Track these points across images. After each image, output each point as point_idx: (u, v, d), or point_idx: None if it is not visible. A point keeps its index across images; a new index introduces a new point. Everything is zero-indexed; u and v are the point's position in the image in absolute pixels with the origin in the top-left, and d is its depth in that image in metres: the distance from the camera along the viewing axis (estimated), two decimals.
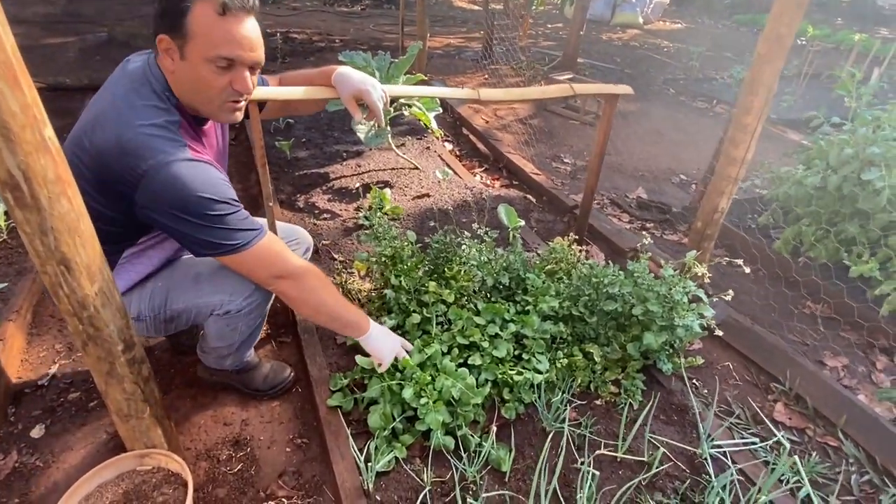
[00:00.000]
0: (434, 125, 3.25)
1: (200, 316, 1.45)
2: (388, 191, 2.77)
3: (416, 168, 3.25)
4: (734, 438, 1.64)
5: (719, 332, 1.66)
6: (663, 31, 9.68)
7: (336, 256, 2.37)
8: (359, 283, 2.14)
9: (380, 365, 1.53)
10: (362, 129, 2.82)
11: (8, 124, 0.83)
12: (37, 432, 1.54)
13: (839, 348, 2.08)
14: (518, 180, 3.40)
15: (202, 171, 1.16)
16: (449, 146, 3.83)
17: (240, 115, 1.28)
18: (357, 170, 3.18)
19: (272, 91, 1.45)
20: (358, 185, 3.02)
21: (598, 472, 1.45)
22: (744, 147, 1.83)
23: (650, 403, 1.74)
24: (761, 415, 1.74)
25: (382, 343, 1.52)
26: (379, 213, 2.62)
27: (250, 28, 1.16)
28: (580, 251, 2.05)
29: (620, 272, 1.80)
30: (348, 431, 1.53)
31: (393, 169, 3.22)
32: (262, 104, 1.52)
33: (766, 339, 1.97)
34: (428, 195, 2.96)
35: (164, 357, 1.81)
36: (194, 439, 1.54)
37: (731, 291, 1.52)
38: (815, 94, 5.46)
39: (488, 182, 3.35)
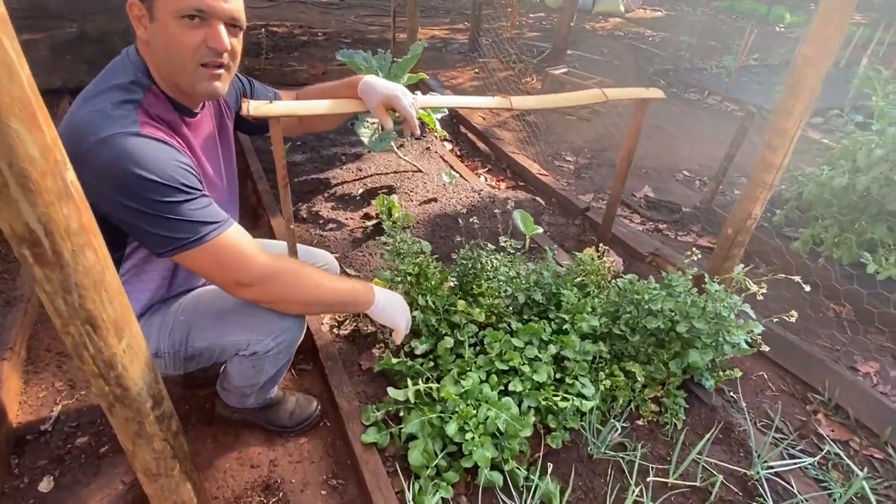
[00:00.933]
0: (438, 126, 3.13)
1: (224, 355, 1.32)
2: (394, 197, 2.65)
3: (419, 171, 3.13)
4: (782, 456, 1.60)
5: (766, 348, 1.61)
6: (645, 20, 9.66)
7: (348, 271, 2.25)
8: None
9: (395, 333, 1.40)
10: (366, 134, 2.69)
11: (27, 172, 0.70)
12: (45, 485, 1.39)
13: (869, 353, 2.06)
14: (524, 181, 3.31)
15: (151, 148, 0.99)
16: (449, 146, 3.71)
17: (220, 86, 1.11)
18: (358, 174, 3.04)
19: (296, 106, 1.33)
20: (361, 190, 2.88)
21: None
22: (782, 152, 1.77)
23: (693, 421, 1.69)
24: (810, 428, 1.70)
25: (393, 309, 1.36)
26: (392, 223, 2.50)
27: None
28: (604, 258, 1.97)
29: (657, 286, 1.72)
30: (386, 471, 1.43)
31: (395, 172, 3.09)
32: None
33: (801, 348, 1.94)
34: (435, 199, 2.85)
35: (177, 391, 1.68)
36: (221, 486, 1.42)
37: (794, 312, 1.46)
38: None
39: (493, 184, 3.25)
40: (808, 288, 1.45)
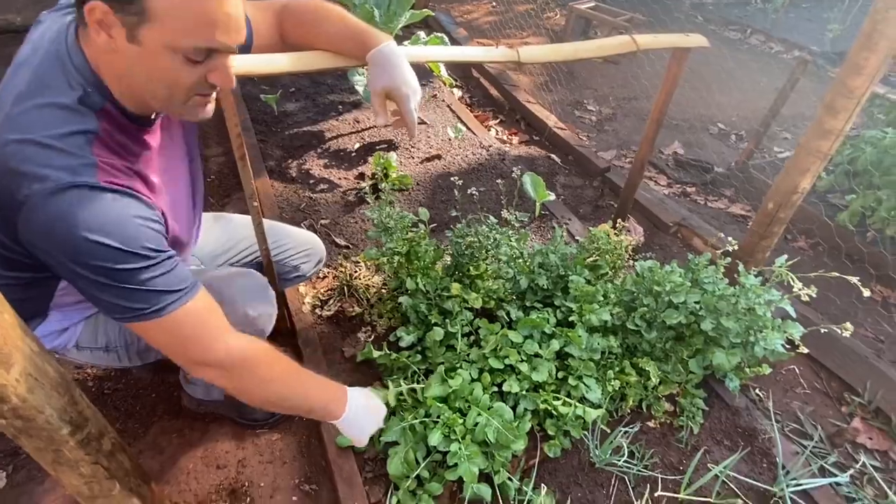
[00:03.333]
0: (444, 72, 2.82)
1: None
2: (392, 155, 2.40)
3: (423, 122, 2.85)
4: (810, 465, 1.42)
5: (805, 350, 1.39)
6: None
7: (338, 240, 2.05)
8: (366, 277, 1.84)
9: (355, 441, 1.17)
10: (361, 82, 2.40)
11: None
12: None
13: None
14: (539, 135, 3.00)
15: (109, 205, 0.79)
16: (458, 93, 3.38)
17: (212, 109, 0.90)
18: (356, 126, 2.77)
19: (267, 62, 1.05)
20: (357, 145, 2.63)
21: None
22: (845, 116, 1.46)
23: (711, 425, 1.51)
24: (845, 436, 1.51)
25: (361, 425, 1.13)
26: (384, 185, 2.27)
27: (233, 1, 0.78)
28: (623, 231, 1.73)
29: (681, 274, 1.49)
30: (364, 477, 1.30)
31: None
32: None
33: (841, 341, 1.71)
34: (439, 157, 2.58)
35: (145, 378, 1.54)
36: (183, 489, 1.31)
37: (849, 325, 1.22)
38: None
39: (505, 138, 2.95)
40: (867, 293, 1.21)
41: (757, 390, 1.65)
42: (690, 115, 3.42)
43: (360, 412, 1.11)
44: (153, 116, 0.92)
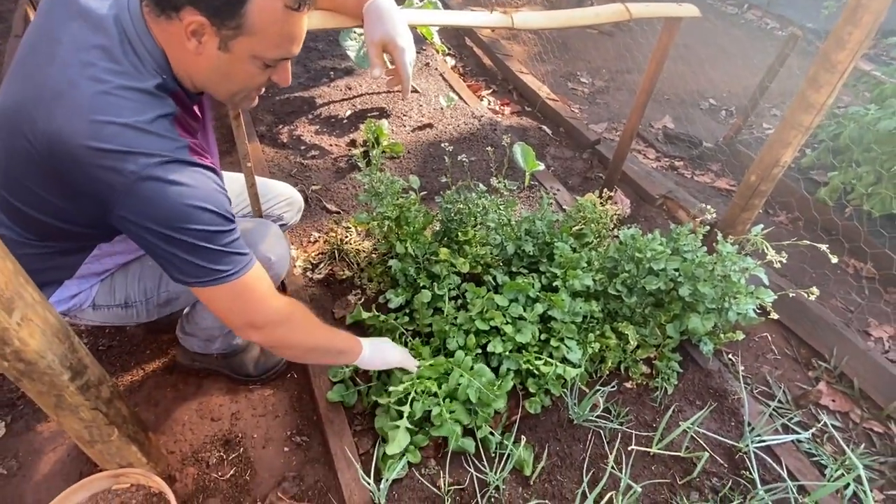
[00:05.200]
0: (437, 39, 2.80)
1: None
2: (384, 122, 2.40)
3: (416, 91, 2.84)
4: (775, 423, 1.50)
5: (775, 315, 1.45)
6: None
7: (329, 206, 2.07)
8: (357, 242, 1.87)
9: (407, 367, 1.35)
10: (353, 47, 2.38)
11: None
12: None
13: (885, 316, 1.91)
14: (531, 106, 3.00)
15: (201, 176, 0.88)
16: (451, 61, 3.36)
17: (257, 99, 1.03)
18: (347, 93, 2.76)
19: None
20: (349, 112, 2.62)
21: (631, 483, 1.31)
22: (827, 90, 1.49)
23: (685, 386, 1.59)
24: (809, 398, 1.59)
25: (386, 353, 1.29)
26: (375, 152, 2.28)
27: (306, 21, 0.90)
28: (608, 201, 1.77)
29: (662, 242, 1.54)
30: (353, 430, 1.36)
31: (389, 92, 2.80)
32: None
33: (811, 309, 1.78)
34: (430, 125, 2.59)
35: (138, 335, 1.58)
36: (178, 439, 1.36)
37: (815, 289, 1.28)
38: None
39: (497, 108, 2.96)
40: (834, 259, 1.26)
41: (730, 355, 1.73)
42: (682, 89, 3.43)
43: (377, 346, 1.28)
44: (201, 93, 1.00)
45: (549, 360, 1.42)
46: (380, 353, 1.27)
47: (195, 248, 0.87)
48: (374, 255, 1.81)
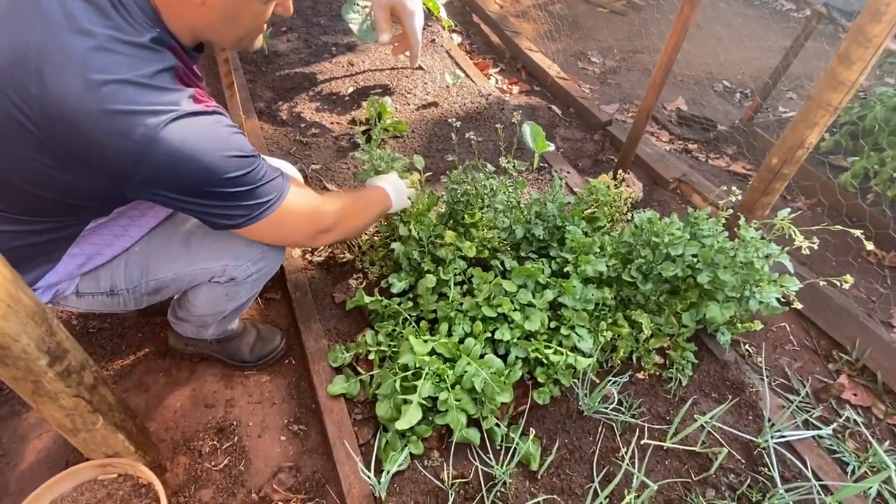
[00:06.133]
0: (443, 13, 2.68)
1: (195, 283, 1.15)
2: (387, 100, 2.30)
3: (420, 68, 2.73)
4: (795, 419, 1.43)
5: (798, 305, 1.38)
6: None
7: (329, 186, 1.99)
8: None
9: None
10: (356, 20, 2.27)
11: None
12: None
13: None
14: (540, 85, 2.90)
15: (213, 123, 0.86)
16: (457, 39, 3.24)
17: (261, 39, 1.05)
18: (350, 70, 2.66)
19: None
20: (351, 89, 2.52)
21: (643, 478, 1.24)
22: (859, 67, 1.39)
23: (700, 377, 1.52)
24: (830, 391, 1.52)
25: (400, 189, 1.44)
26: (377, 130, 2.19)
27: None
28: (621, 188, 1.68)
29: (680, 226, 1.46)
30: (353, 419, 1.30)
31: (392, 69, 2.69)
32: None
33: (833, 299, 1.70)
34: (435, 104, 2.49)
35: (130, 317, 1.51)
36: (170, 427, 1.30)
37: (849, 277, 1.20)
38: None
39: (505, 87, 2.85)
40: (870, 246, 1.18)
41: (747, 346, 1.66)
42: (696, 71, 3.32)
43: (397, 198, 1.40)
44: (198, 48, 0.95)
45: (558, 348, 1.35)
46: (398, 193, 1.40)
47: (231, 195, 0.87)
48: (376, 238, 1.74)
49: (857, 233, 1.18)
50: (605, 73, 3.19)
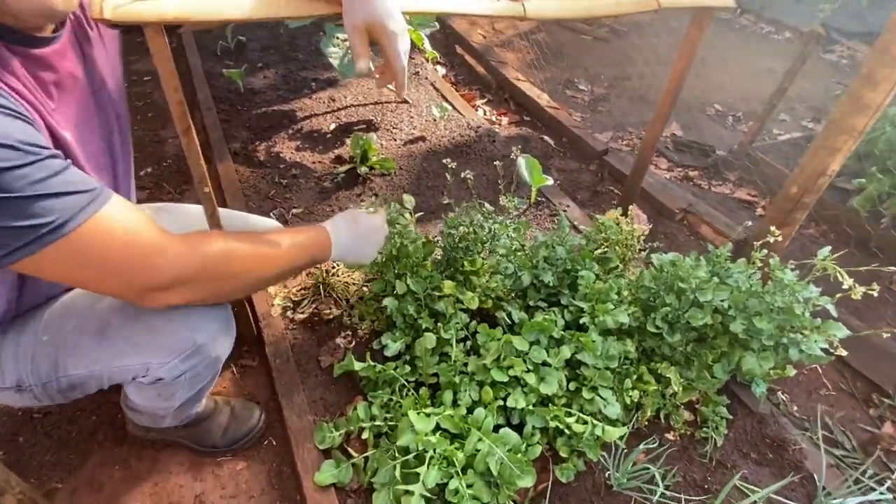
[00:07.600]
0: (427, 45, 2.58)
1: (115, 381, 0.94)
2: (372, 136, 2.16)
3: (405, 102, 2.61)
4: (844, 476, 1.27)
5: (843, 352, 1.23)
6: None
7: None
8: (345, 274, 1.62)
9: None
10: (336, 55, 2.15)
11: None
12: None
13: None
14: (529, 115, 2.79)
15: None
16: (441, 70, 3.15)
17: None
18: (331, 105, 2.52)
19: (217, 4, 0.82)
20: (333, 125, 2.39)
21: None
22: (886, 88, 1.29)
23: (735, 435, 1.35)
24: (878, 443, 1.36)
25: (360, 250, 1.16)
26: (363, 169, 2.04)
27: None
28: (633, 225, 1.54)
29: (706, 269, 1.31)
30: None
31: (376, 104, 2.57)
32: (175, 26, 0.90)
33: (870, 338, 1.56)
34: (423, 138, 2.36)
35: (83, 398, 1.30)
36: None
37: None
38: None
39: (494, 118, 2.74)
40: None
41: (779, 393, 1.50)
42: (686, 94, 3.24)
43: (350, 243, 1.10)
44: (41, 35, 0.74)
45: (581, 415, 1.18)
46: (350, 240, 1.09)
47: None
48: (365, 289, 1.56)
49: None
50: (595, 101, 3.11)
